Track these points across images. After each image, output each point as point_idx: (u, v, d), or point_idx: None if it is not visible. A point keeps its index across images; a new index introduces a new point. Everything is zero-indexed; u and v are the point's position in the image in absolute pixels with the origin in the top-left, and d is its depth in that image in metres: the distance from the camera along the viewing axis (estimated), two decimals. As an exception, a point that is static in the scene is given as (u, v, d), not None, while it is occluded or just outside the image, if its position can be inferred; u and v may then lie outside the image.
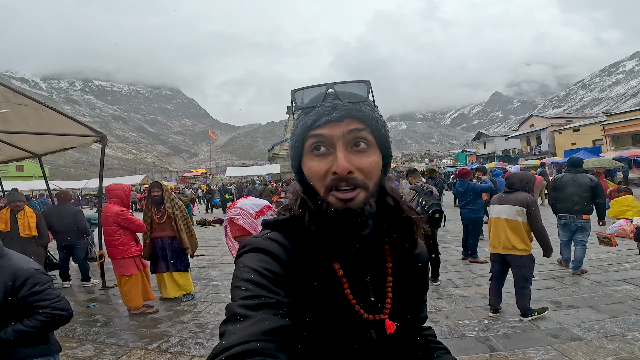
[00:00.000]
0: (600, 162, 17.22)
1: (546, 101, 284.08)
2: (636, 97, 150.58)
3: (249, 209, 1.65)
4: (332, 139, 0.67)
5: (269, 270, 0.65)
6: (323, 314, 0.69)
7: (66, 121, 5.64)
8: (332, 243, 0.71)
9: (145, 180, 34.11)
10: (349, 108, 0.68)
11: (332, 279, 0.72)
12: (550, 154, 37.56)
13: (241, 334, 0.55)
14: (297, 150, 0.72)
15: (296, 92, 0.73)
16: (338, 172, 0.65)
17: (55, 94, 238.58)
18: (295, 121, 0.75)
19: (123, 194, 4.75)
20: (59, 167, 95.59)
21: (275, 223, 0.76)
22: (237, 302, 0.61)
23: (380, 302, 0.76)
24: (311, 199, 0.72)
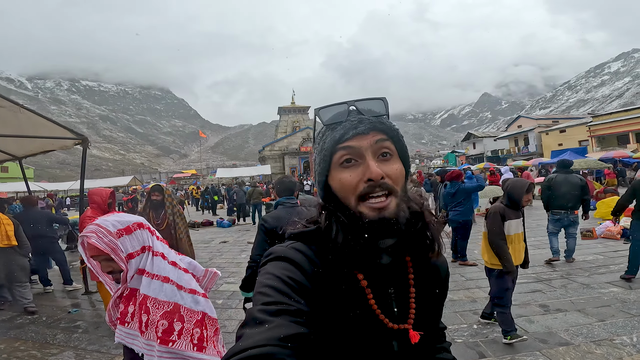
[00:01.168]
0: (587, 163, 17.43)
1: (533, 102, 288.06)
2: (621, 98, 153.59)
3: (109, 226, 1.42)
4: (361, 150, 0.71)
5: (291, 278, 0.67)
6: (346, 324, 0.71)
7: (46, 123, 5.48)
8: (357, 254, 0.73)
9: (133, 182, 33.66)
10: (373, 121, 0.73)
11: (356, 289, 0.74)
12: (538, 154, 38.10)
13: (257, 338, 0.56)
14: (325, 165, 0.75)
15: (320, 110, 0.77)
16: (373, 177, 0.69)
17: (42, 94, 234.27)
18: (320, 138, 0.78)
19: (99, 199, 4.42)
20: (45, 168, 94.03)
21: (301, 234, 0.79)
22: (257, 307, 0.62)
23: (404, 313, 0.78)
24: (340, 210, 0.74)
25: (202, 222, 14.37)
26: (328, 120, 0.75)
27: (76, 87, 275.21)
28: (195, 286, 1.51)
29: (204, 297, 1.50)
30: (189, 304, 1.45)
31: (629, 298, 4.18)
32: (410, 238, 0.76)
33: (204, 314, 1.47)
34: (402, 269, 0.81)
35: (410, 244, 0.77)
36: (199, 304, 1.47)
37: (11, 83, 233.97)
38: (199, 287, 1.52)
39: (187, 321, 1.42)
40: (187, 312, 1.43)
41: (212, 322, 1.48)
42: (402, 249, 0.77)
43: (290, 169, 46.69)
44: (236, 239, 10.48)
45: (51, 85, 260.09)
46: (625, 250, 6.43)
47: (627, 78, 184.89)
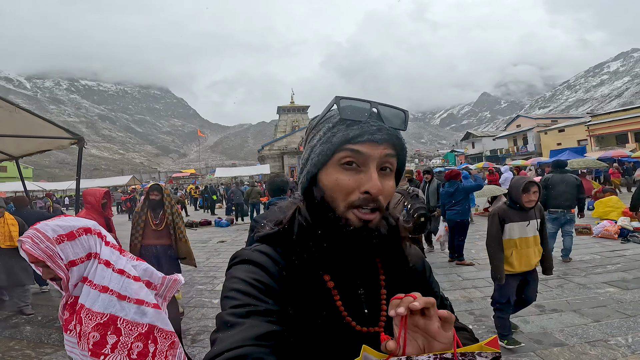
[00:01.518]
0: (585, 163, 17.45)
1: (532, 102, 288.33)
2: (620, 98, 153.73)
3: (49, 231, 1.32)
4: (368, 158, 0.68)
5: (257, 280, 0.67)
6: (314, 325, 0.70)
7: (41, 123, 5.46)
8: (323, 256, 0.72)
9: (132, 181, 33.68)
10: (391, 133, 0.71)
11: (322, 290, 0.73)
12: (537, 154, 38.12)
13: (232, 340, 0.56)
14: (324, 158, 0.71)
15: (341, 100, 0.71)
16: (372, 192, 0.67)
17: (40, 94, 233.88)
18: (329, 128, 0.72)
19: (93, 199, 4.31)
20: (44, 167, 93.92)
21: (266, 237, 0.78)
22: (226, 311, 0.62)
23: (375, 316, 0.76)
24: (322, 212, 0.72)
25: (200, 221, 14.36)
26: (347, 114, 0.70)
27: (75, 87, 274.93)
28: (144, 296, 1.40)
29: (155, 308, 1.39)
30: (132, 315, 1.35)
31: (625, 298, 4.18)
32: (381, 248, 0.75)
33: (153, 326, 1.37)
34: (373, 270, 0.79)
35: (382, 253, 0.76)
36: (146, 315, 1.37)
37: (10, 83, 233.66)
38: (149, 297, 1.42)
39: (126, 334, 1.32)
40: (126, 324, 1.34)
41: (164, 335, 1.37)
42: (372, 253, 0.75)
43: (289, 168, 46.64)
44: (234, 239, 10.47)
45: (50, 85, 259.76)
46: (622, 249, 6.44)
47: (627, 77, 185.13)
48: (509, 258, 3.18)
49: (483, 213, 12.01)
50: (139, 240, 4.50)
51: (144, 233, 4.50)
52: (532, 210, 3.17)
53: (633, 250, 6.34)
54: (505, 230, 3.19)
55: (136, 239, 4.50)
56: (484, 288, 4.90)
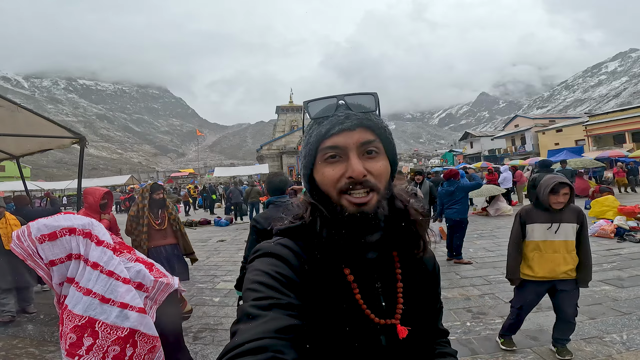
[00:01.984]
0: (582, 162, 17.53)
1: (531, 102, 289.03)
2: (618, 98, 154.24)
3: (34, 230, 1.34)
4: (346, 146, 0.71)
5: (280, 273, 0.68)
6: (333, 318, 0.71)
7: (43, 122, 5.50)
8: (343, 249, 0.74)
9: (131, 181, 33.61)
10: (360, 117, 0.73)
11: (342, 284, 0.74)
12: (534, 153, 38.23)
13: (252, 332, 0.57)
14: (310, 159, 0.76)
15: (309, 103, 0.77)
16: (354, 176, 0.69)
17: (38, 93, 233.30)
18: (307, 131, 0.78)
19: (92, 199, 4.16)
20: (42, 167, 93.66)
21: (287, 230, 0.79)
22: (248, 303, 0.63)
23: (391, 309, 0.78)
24: (323, 206, 0.75)
25: (200, 220, 14.38)
26: (316, 113, 0.76)
27: (73, 86, 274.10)
28: (130, 299, 1.39)
29: (139, 312, 1.37)
30: (112, 319, 1.35)
31: (620, 296, 4.24)
32: (395, 234, 0.78)
33: (134, 330, 1.36)
34: (389, 264, 0.81)
35: (396, 239, 0.79)
36: (129, 319, 1.36)
37: (7, 82, 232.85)
38: (135, 300, 1.40)
39: (103, 337, 1.31)
40: (105, 327, 1.33)
41: (145, 340, 1.36)
42: (388, 244, 0.78)
43: (288, 168, 46.64)
44: (233, 238, 10.50)
45: (48, 84, 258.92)
46: (618, 248, 6.51)
47: (624, 78, 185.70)
48: (530, 261, 2.94)
49: (481, 212, 12.09)
50: (145, 243, 4.31)
51: (149, 235, 4.34)
52: (565, 214, 2.85)
53: (629, 249, 6.41)
54: (527, 231, 2.99)
55: (142, 242, 4.30)
56: (482, 286, 4.96)
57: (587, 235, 2.95)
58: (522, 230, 3.00)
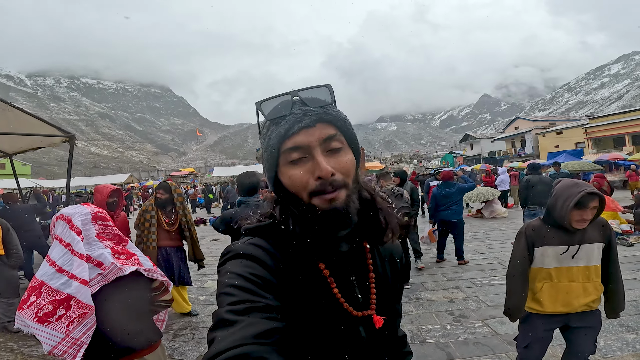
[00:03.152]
0: (580, 165, 17.51)
1: (533, 104, 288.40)
2: (620, 101, 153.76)
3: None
4: (309, 146, 0.68)
5: (254, 275, 0.65)
6: (313, 315, 0.70)
7: (33, 121, 5.53)
8: (316, 245, 0.72)
9: (130, 179, 33.68)
10: (318, 112, 0.70)
11: (318, 279, 0.74)
12: (534, 156, 38.15)
13: (231, 339, 0.54)
14: (273, 162, 0.72)
15: (262, 104, 0.73)
16: (322, 176, 0.67)
17: (41, 91, 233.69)
18: (265, 133, 0.74)
19: (99, 196, 3.85)
20: (43, 165, 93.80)
21: (257, 229, 0.77)
22: (224, 308, 0.60)
23: (366, 300, 0.78)
24: (293, 206, 0.73)
25: (195, 220, 14.38)
26: (271, 113, 0.72)
27: (75, 85, 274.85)
28: (78, 272, 1.59)
29: (81, 284, 1.57)
30: (57, 285, 1.58)
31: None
32: (364, 224, 0.76)
33: (71, 297, 1.56)
34: (361, 255, 0.81)
35: (365, 229, 0.77)
36: (70, 287, 1.57)
37: (10, 80, 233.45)
38: (83, 274, 1.59)
39: (43, 297, 1.56)
40: (48, 290, 1.58)
41: (79, 306, 1.55)
42: (358, 235, 0.78)
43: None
44: (227, 238, 10.47)
45: (50, 83, 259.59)
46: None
47: (627, 80, 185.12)
48: (538, 292, 2.20)
49: (476, 215, 12.07)
50: (154, 242, 4.18)
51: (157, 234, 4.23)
52: (587, 232, 2.09)
53: (620, 253, 6.32)
54: (535, 256, 2.20)
55: (150, 240, 4.17)
56: (467, 289, 4.95)
57: (617, 255, 2.23)
58: (529, 255, 2.21)
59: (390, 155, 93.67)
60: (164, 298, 1.99)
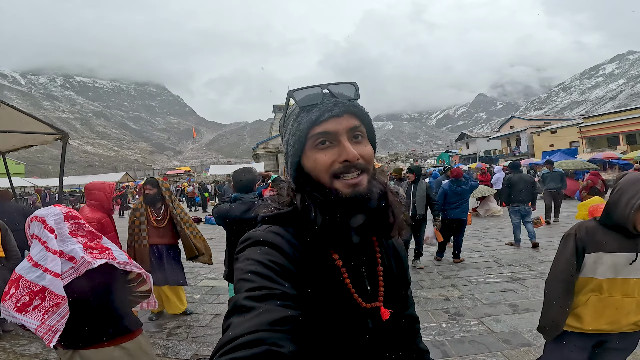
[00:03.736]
0: (575, 164, 17.58)
1: (528, 103, 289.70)
2: (615, 100, 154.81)
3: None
4: (337, 132, 0.74)
5: (273, 262, 0.67)
6: (324, 303, 0.72)
7: (25, 119, 5.47)
8: (333, 234, 0.75)
9: (125, 178, 33.45)
10: (347, 104, 0.76)
11: (332, 269, 0.76)
12: (529, 155, 38.34)
13: (247, 325, 0.55)
14: (300, 146, 0.76)
15: (295, 92, 0.78)
16: (349, 158, 0.72)
17: (35, 90, 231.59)
18: (294, 119, 0.78)
19: (103, 195, 3.85)
20: (37, 163, 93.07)
21: (276, 216, 0.79)
22: (242, 294, 0.61)
23: (374, 292, 0.81)
24: (316, 192, 0.76)
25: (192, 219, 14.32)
26: (303, 100, 0.77)
27: (70, 83, 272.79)
28: (52, 267, 1.73)
29: (56, 277, 1.72)
30: (33, 277, 1.72)
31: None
32: (375, 216, 0.78)
33: (45, 288, 1.70)
34: (370, 248, 0.84)
35: (376, 222, 0.79)
36: (44, 279, 1.70)
37: (4, 78, 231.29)
38: (56, 267, 1.73)
39: (20, 289, 1.72)
40: (25, 282, 1.73)
41: (53, 297, 1.70)
42: (369, 228, 0.79)
43: (284, 167, 46.57)
44: (223, 236, 10.34)
45: (45, 81, 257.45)
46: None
47: (621, 80, 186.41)
48: (581, 306, 1.86)
49: (471, 213, 12.08)
50: (145, 239, 4.10)
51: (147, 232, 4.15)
52: None
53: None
54: (585, 263, 1.85)
55: (141, 238, 4.09)
56: (463, 287, 4.95)
57: None
58: (578, 262, 1.87)
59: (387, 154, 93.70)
60: (142, 289, 2.11)
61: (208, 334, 3.87)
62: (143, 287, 2.10)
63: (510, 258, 6.33)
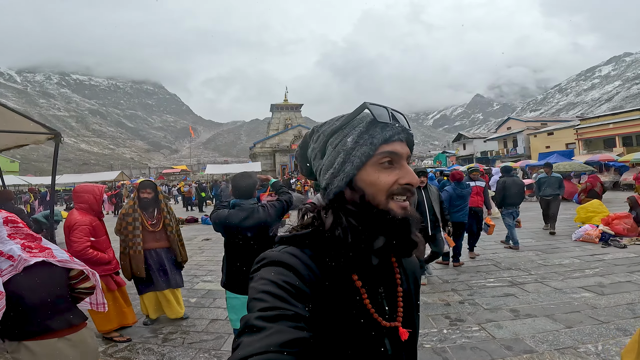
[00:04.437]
0: (571, 166, 17.61)
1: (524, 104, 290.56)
2: (610, 102, 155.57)
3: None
4: (401, 156, 0.76)
5: (287, 282, 0.67)
6: (342, 326, 0.72)
7: (17, 118, 5.35)
8: (357, 256, 0.75)
9: (121, 177, 33.19)
10: (409, 133, 0.80)
11: (351, 290, 0.76)
12: (526, 156, 38.42)
13: (257, 345, 0.55)
14: (365, 159, 0.75)
15: (370, 105, 0.78)
16: (413, 183, 0.76)
17: (30, 88, 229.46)
18: (363, 131, 0.77)
19: (93, 199, 3.79)
20: (31, 161, 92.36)
21: (294, 237, 0.78)
22: (254, 314, 0.61)
23: (393, 312, 0.81)
24: (359, 208, 0.76)
25: (187, 219, 14.23)
26: (380, 117, 0.76)
27: (66, 81, 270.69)
28: None
29: None
30: None
31: (600, 304, 4.19)
32: (398, 237, 0.77)
33: None
34: (389, 269, 0.84)
35: (397, 243, 0.78)
36: None
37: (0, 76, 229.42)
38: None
39: None
40: None
41: None
42: (388, 249, 0.79)
43: (280, 166, 46.53)
44: (219, 237, 10.31)
45: (40, 79, 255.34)
46: (602, 254, 6.49)
47: (617, 82, 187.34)
48: None
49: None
50: (140, 245, 4.01)
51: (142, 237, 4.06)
52: None
53: (613, 255, 6.39)
54: None
55: (136, 244, 4.00)
56: (463, 291, 4.89)
57: None
58: None
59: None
60: (83, 285, 2.20)
61: (204, 339, 3.79)
62: (86, 284, 2.20)
63: (509, 262, 6.29)
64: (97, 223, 3.78)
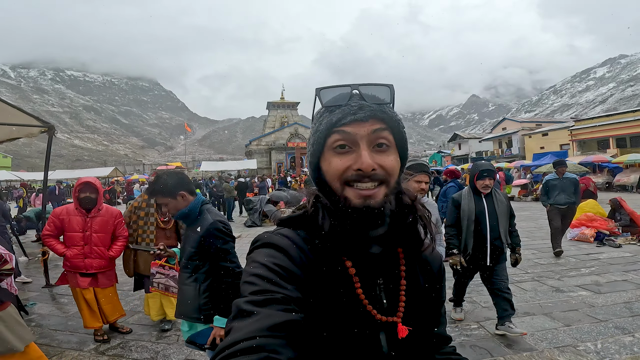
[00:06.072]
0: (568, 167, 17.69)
1: (519, 105, 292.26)
2: (604, 104, 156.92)
3: None
4: (356, 137, 0.69)
5: (278, 265, 0.66)
6: (333, 312, 0.70)
7: (10, 110, 5.25)
8: (345, 241, 0.72)
9: (114, 173, 32.99)
10: (374, 109, 0.71)
11: (343, 276, 0.73)
12: (520, 157, 38.66)
13: (246, 330, 0.55)
14: (318, 147, 0.74)
15: (321, 91, 0.74)
16: (362, 168, 0.67)
17: (24, 83, 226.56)
18: (317, 119, 0.76)
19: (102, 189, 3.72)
20: (24, 157, 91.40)
21: (288, 220, 0.78)
22: (244, 298, 0.61)
23: (393, 306, 0.76)
24: (327, 197, 0.74)
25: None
26: (328, 102, 0.73)
27: (60, 77, 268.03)
28: None
29: None
30: None
31: (597, 302, 4.19)
32: (401, 230, 0.75)
33: None
34: (394, 260, 0.78)
35: (402, 235, 0.76)
36: None
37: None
38: None
39: None
40: None
41: None
42: (394, 239, 0.76)
43: (276, 164, 46.38)
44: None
45: (35, 75, 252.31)
46: (597, 253, 6.51)
47: (612, 84, 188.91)
48: None
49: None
50: (153, 242, 3.83)
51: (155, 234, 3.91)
52: None
53: (608, 254, 6.41)
54: None
55: (147, 241, 3.85)
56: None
57: None
58: None
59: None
60: (5, 267, 2.39)
61: (199, 336, 3.72)
62: (6, 266, 2.39)
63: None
64: (72, 218, 3.55)
